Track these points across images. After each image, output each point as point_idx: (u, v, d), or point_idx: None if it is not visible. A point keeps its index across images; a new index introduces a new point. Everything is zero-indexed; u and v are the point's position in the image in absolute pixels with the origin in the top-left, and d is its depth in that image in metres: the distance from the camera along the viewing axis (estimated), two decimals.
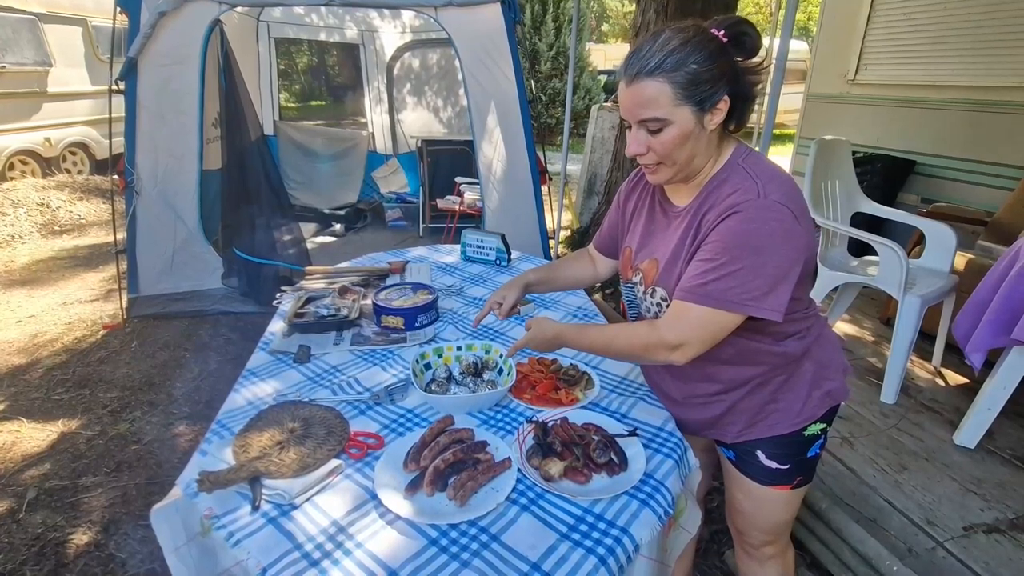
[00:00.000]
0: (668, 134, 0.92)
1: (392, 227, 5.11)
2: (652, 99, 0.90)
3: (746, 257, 0.88)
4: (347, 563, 0.80)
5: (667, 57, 0.88)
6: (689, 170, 0.98)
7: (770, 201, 0.89)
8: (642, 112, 0.91)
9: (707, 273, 0.91)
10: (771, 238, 0.88)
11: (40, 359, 2.94)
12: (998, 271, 1.88)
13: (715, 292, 0.90)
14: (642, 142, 0.95)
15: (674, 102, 0.89)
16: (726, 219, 0.91)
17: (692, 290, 0.93)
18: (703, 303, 0.92)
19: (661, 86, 0.89)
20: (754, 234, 0.89)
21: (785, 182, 0.94)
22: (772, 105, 1.95)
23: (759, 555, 1.28)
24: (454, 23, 3.28)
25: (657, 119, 0.91)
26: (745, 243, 0.89)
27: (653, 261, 1.08)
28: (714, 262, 0.91)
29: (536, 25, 11.00)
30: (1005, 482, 1.81)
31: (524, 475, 0.98)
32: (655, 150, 0.94)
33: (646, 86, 0.89)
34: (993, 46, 3.40)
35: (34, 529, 1.85)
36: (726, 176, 0.97)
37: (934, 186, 3.77)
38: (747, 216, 0.89)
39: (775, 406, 1.08)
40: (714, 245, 0.92)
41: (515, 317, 1.67)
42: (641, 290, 1.11)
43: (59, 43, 5.92)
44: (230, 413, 1.15)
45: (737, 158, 0.99)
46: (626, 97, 0.93)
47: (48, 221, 5.25)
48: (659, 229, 1.10)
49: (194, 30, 3.08)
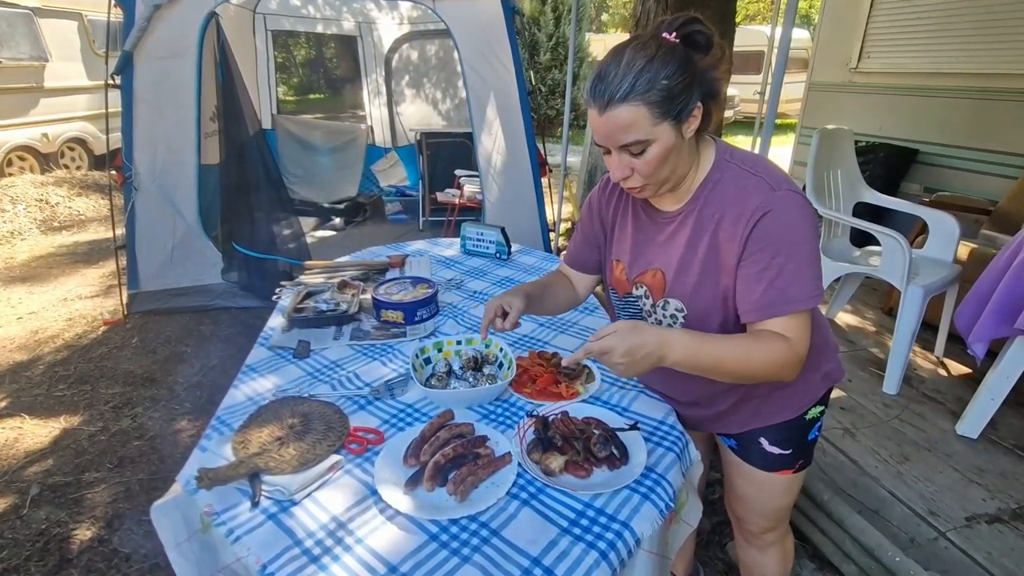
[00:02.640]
0: (651, 153, 0.90)
1: (392, 221, 5.10)
2: (630, 124, 0.87)
3: (796, 252, 0.89)
4: (347, 559, 0.79)
5: (637, 79, 0.85)
6: (674, 180, 0.97)
7: (785, 192, 0.91)
8: (622, 138, 0.89)
9: (776, 280, 0.90)
10: (803, 228, 0.90)
11: (41, 355, 2.95)
12: (1001, 261, 1.87)
13: (795, 295, 0.90)
14: (625, 165, 0.93)
15: (652, 122, 0.87)
16: (759, 223, 0.90)
17: (774, 304, 0.90)
18: (793, 308, 0.90)
19: (636, 109, 0.86)
20: (792, 228, 0.90)
21: (775, 167, 0.96)
22: (774, 95, 1.92)
23: (760, 542, 1.28)
24: (452, 14, 3.25)
25: (639, 141, 0.89)
26: (790, 240, 0.89)
27: (656, 272, 1.05)
28: (774, 268, 0.90)
29: (535, 15, 10.91)
30: (1007, 472, 1.81)
31: (525, 469, 0.97)
32: (640, 171, 0.92)
33: (621, 112, 0.87)
34: (997, 33, 3.37)
35: (38, 525, 1.86)
36: (720, 176, 0.97)
37: (937, 175, 3.74)
38: (776, 214, 0.89)
39: (779, 393, 1.09)
40: (762, 253, 0.90)
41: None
42: (648, 303, 1.09)
43: (55, 37, 5.88)
44: (230, 409, 1.14)
45: (723, 156, 0.99)
46: (602, 125, 0.89)
47: (47, 217, 5.24)
48: (650, 238, 1.07)
49: (190, 23, 3.05)
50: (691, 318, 1.03)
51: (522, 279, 1.91)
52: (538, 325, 1.56)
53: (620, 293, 1.15)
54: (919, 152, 3.82)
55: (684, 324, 1.04)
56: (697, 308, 1.01)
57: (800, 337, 0.91)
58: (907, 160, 3.86)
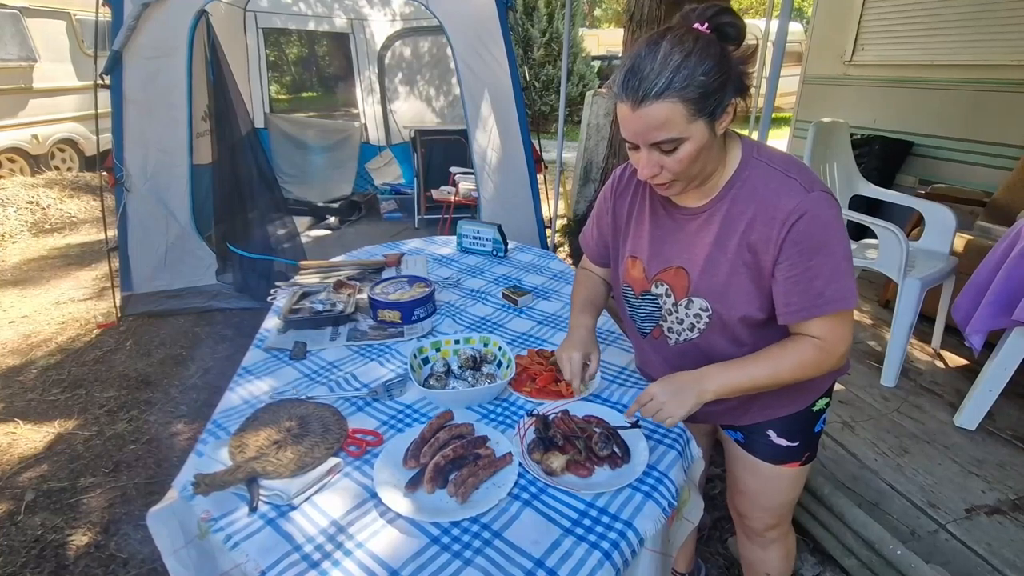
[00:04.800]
0: (683, 151, 0.87)
1: (387, 219, 5.07)
2: (664, 121, 0.84)
3: (832, 253, 0.90)
4: (348, 563, 0.78)
5: (674, 75, 0.81)
6: (702, 177, 0.95)
7: (818, 193, 0.90)
8: (656, 135, 0.86)
9: (814, 281, 0.90)
10: (837, 228, 0.91)
11: (34, 360, 2.92)
12: (998, 252, 1.87)
13: (832, 295, 0.91)
14: (655, 163, 0.90)
15: (687, 119, 0.84)
16: (795, 225, 0.89)
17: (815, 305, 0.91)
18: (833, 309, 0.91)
19: (673, 106, 0.83)
20: (827, 228, 0.90)
21: (805, 167, 0.96)
22: (771, 89, 1.92)
23: (762, 539, 1.28)
24: (445, 10, 3.23)
25: (672, 140, 0.86)
26: (826, 241, 0.89)
27: (679, 270, 1.02)
28: (812, 270, 0.90)
29: (528, 11, 10.86)
30: (1006, 463, 1.81)
31: (526, 470, 0.96)
32: (670, 169, 0.89)
33: (656, 109, 0.83)
34: (991, 24, 3.37)
35: (33, 531, 1.84)
36: (748, 174, 0.95)
37: (932, 167, 3.75)
38: (812, 216, 0.89)
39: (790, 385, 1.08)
40: (800, 256, 0.90)
41: (513, 308, 1.65)
42: (670, 302, 1.06)
43: (43, 37, 5.81)
44: (226, 412, 1.13)
45: (750, 152, 0.97)
46: (634, 122, 0.86)
47: (38, 219, 5.19)
48: (670, 234, 1.04)
49: (179, 21, 3.01)
50: (715, 319, 1.00)
51: (519, 276, 1.90)
52: (536, 323, 1.55)
53: (637, 291, 1.11)
54: (914, 144, 3.82)
55: (708, 324, 1.01)
56: (723, 308, 0.98)
57: (841, 337, 0.94)
58: (902, 152, 3.86)
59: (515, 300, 1.67)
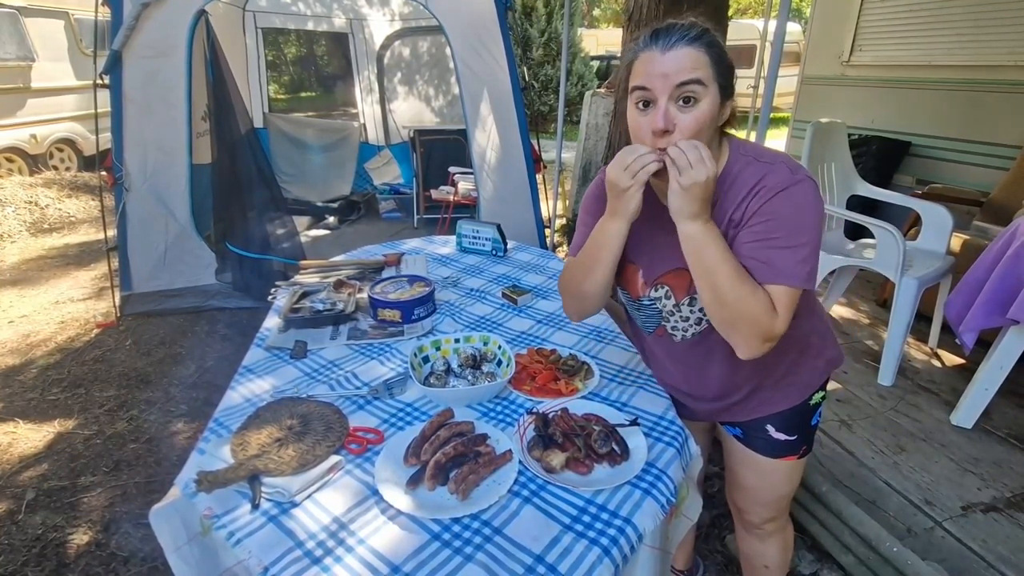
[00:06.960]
0: (700, 108, 0.88)
1: (386, 219, 5.08)
2: (694, 64, 0.87)
3: (798, 234, 0.89)
4: (349, 560, 0.79)
5: (703, 33, 0.89)
6: None
7: (804, 177, 0.91)
8: (684, 75, 0.87)
9: (767, 250, 0.90)
10: (811, 215, 0.90)
11: (34, 359, 2.92)
12: (993, 251, 1.88)
13: (783, 268, 0.89)
14: (670, 118, 0.89)
15: (710, 75, 0.88)
16: (772, 199, 0.90)
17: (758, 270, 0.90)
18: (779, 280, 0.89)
19: (700, 55, 0.88)
20: (801, 211, 0.90)
21: (793, 160, 0.97)
22: (770, 89, 1.93)
23: (760, 532, 1.29)
24: (444, 9, 3.23)
25: (698, 81, 0.87)
26: (797, 220, 0.89)
27: (680, 271, 1.02)
28: (770, 239, 0.90)
29: (527, 11, 10.86)
30: (1002, 461, 1.83)
31: (526, 467, 0.97)
32: (684, 127, 0.89)
33: (688, 52, 0.87)
34: (988, 25, 3.38)
35: (34, 530, 1.84)
36: (739, 169, 0.96)
37: (929, 167, 3.76)
38: (790, 193, 0.90)
39: (789, 380, 1.10)
40: (764, 225, 0.90)
41: (513, 307, 1.66)
42: (671, 303, 1.07)
43: (42, 37, 5.80)
44: (227, 411, 1.14)
45: (739, 150, 0.99)
46: (662, 64, 0.87)
47: (37, 219, 5.19)
48: (669, 235, 1.01)
49: (179, 21, 3.01)
50: None
51: (519, 276, 1.91)
52: (535, 322, 1.56)
53: (636, 295, 1.11)
54: (911, 144, 3.84)
55: (709, 321, 1.01)
56: None
57: (779, 313, 0.89)
58: (900, 152, 3.88)
59: (514, 299, 1.67)
